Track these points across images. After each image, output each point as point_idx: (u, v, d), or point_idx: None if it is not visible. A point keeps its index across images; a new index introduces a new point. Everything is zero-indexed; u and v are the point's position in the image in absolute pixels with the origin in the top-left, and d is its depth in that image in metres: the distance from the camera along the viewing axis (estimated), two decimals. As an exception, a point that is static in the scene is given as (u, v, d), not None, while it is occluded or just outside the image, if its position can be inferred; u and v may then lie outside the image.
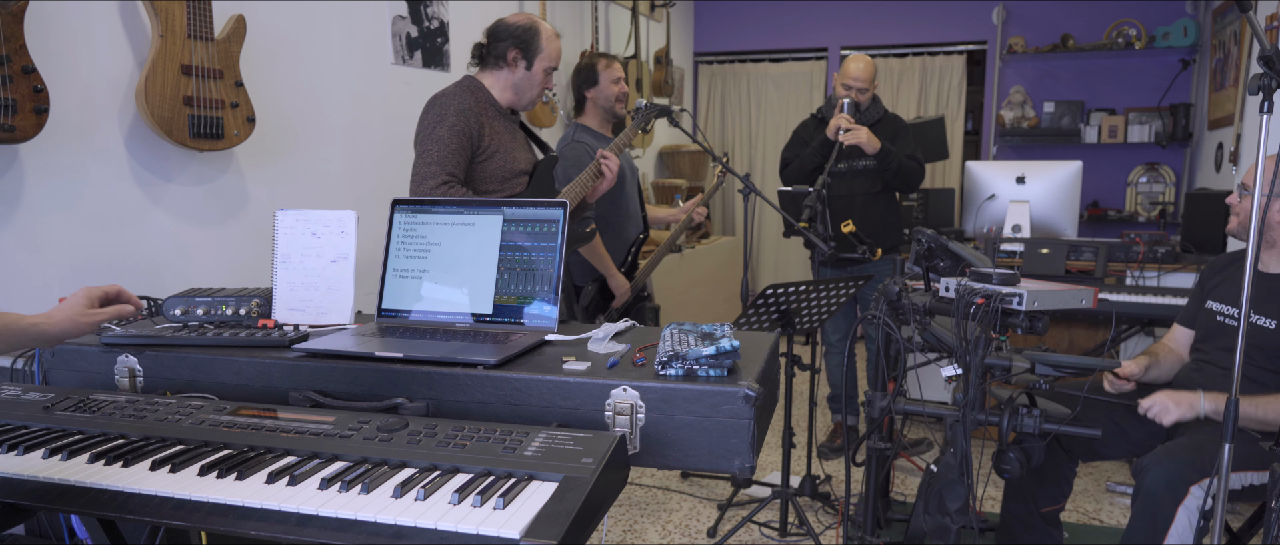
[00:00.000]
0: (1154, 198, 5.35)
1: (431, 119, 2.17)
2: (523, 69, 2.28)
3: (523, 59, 2.27)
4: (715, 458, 1.24)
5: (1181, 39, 5.06)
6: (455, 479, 1.08)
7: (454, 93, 2.21)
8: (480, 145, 2.21)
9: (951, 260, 1.89)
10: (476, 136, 2.20)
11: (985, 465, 1.88)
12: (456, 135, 2.14)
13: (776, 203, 3.12)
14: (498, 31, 2.29)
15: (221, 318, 1.61)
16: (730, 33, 6.27)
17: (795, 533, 2.87)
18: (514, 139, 2.33)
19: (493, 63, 2.29)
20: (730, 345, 1.28)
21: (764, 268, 6.45)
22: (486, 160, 2.22)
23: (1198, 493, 1.89)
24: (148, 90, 2.16)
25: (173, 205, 2.37)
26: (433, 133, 2.14)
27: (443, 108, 2.17)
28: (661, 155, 5.84)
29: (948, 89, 5.83)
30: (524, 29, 2.27)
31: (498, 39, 2.28)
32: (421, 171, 2.10)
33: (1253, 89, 1.53)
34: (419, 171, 2.11)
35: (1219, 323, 2.26)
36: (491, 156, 2.23)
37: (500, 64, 2.28)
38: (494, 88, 2.29)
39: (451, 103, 2.18)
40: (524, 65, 2.28)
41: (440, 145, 2.12)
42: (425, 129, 2.16)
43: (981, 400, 1.69)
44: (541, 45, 2.29)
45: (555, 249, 1.58)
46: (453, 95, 2.21)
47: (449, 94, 2.21)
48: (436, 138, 2.13)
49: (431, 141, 2.13)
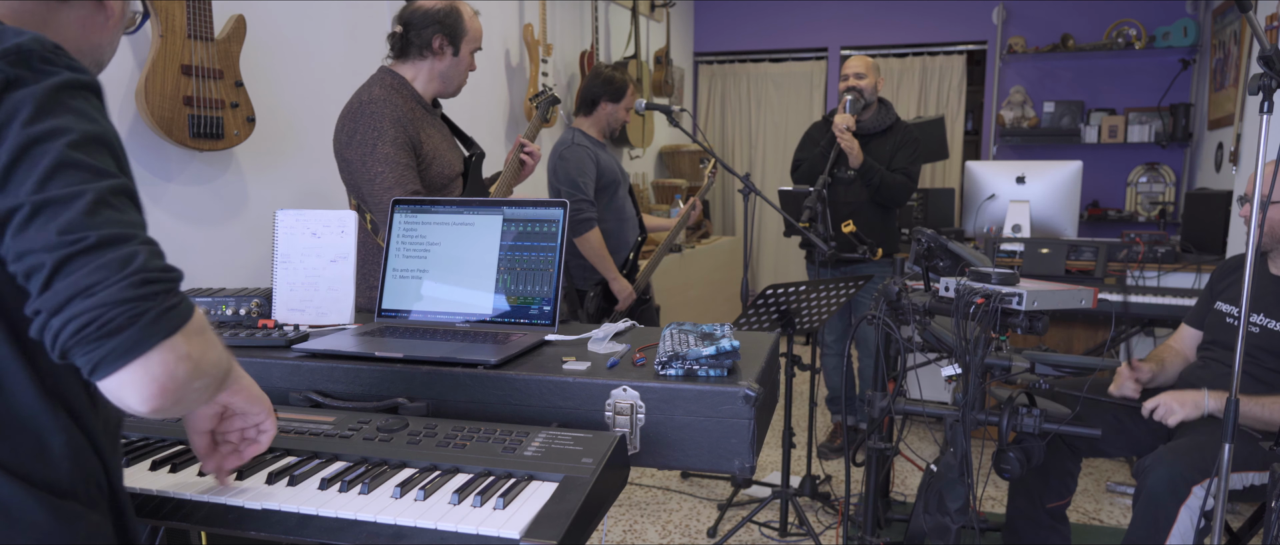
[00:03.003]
0: (1154, 198, 5.35)
1: (368, 133, 1.98)
2: (450, 56, 2.12)
3: (449, 45, 2.10)
4: (715, 458, 1.24)
5: (1181, 39, 5.06)
6: (455, 479, 1.08)
7: (383, 97, 2.02)
8: (419, 153, 2.05)
9: (951, 260, 1.89)
10: (416, 144, 2.04)
11: (985, 465, 1.88)
12: (401, 150, 1.98)
13: (776, 203, 3.12)
14: (417, 19, 2.09)
15: (221, 318, 1.60)
16: (730, 33, 6.27)
17: (795, 533, 2.87)
18: (445, 140, 2.18)
19: (415, 53, 2.10)
20: (730, 345, 1.28)
21: (764, 268, 6.45)
22: (424, 169, 2.06)
23: (1200, 493, 1.89)
24: (147, 90, 2.16)
25: (173, 205, 2.37)
26: (375, 151, 1.96)
27: (376, 118, 1.98)
28: (661, 155, 5.84)
29: (948, 89, 5.83)
30: (445, 12, 2.10)
31: (419, 27, 2.08)
32: (385, 198, 1.90)
33: (1253, 89, 1.53)
34: (382, 198, 1.93)
35: (1228, 324, 2.26)
36: (429, 165, 2.07)
37: (424, 53, 2.10)
38: (417, 80, 2.12)
39: (385, 111, 1.99)
40: (451, 52, 2.11)
41: (390, 165, 1.95)
42: (363, 145, 1.98)
43: (981, 400, 1.69)
44: (465, 27, 2.13)
45: (555, 249, 1.58)
46: (382, 101, 2.01)
47: (378, 100, 2.01)
48: (381, 157, 1.96)
49: (378, 162, 1.96)
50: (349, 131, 2.02)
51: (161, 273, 0.78)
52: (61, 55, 0.80)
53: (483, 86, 3.80)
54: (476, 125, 3.70)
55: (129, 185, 0.81)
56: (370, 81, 2.10)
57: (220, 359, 0.88)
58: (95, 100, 0.82)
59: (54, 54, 0.80)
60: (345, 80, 2.96)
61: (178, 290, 0.80)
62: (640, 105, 2.97)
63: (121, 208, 0.78)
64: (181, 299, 0.80)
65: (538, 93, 3.22)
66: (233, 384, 0.98)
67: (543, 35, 4.16)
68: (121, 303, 0.74)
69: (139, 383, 0.76)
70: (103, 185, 0.77)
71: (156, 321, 0.76)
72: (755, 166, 6.35)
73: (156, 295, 0.77)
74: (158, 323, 0.76)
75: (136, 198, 0.82)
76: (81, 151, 0.77)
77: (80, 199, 0.75)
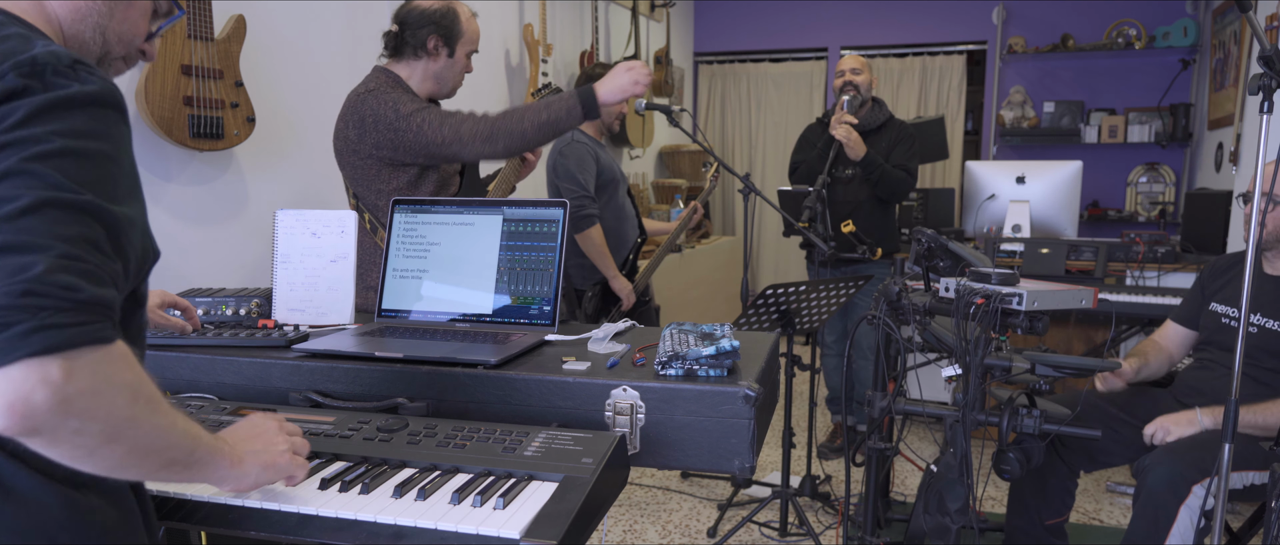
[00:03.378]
0: (1154, 198, 5.35)
1: (382, 107, 1.96)
2: (444, 57, 2.09)
3: (444, 46, 2.08)
4: (715, 458, 1.24)
5: (1181, 39, 5.06)
6: (455, 479, 1.08)
7: (385, 94, 2.00)
8: None
9: (951, 260, 1.89)
10: None
11: (985, 465, 1.88)
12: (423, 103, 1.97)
13: (776, 203, 3.12)
14: (412, 18, 2.07)
15: (221, 318, 1.61)
16: (730, 33, 6.27)
17: (795, 533, 2.87)
18: None
19: (410, 52, 2.08)
20: (730, 345, 1.28)
21: (764, 268, 6.45)
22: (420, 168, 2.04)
23: (1200, 492, 1.89)
24: (147, 90, 2.16)
25: (173, 205, 2.37)
26: (398, 109, 1.94)
27: (384, 95, 1.97)
28: (661, 155, 5.84)
29: (948, 89, 5.83)
30: (442, 13, 2.07)
31: (415, 26, 2.06)
32: (443, 130, 1.90)
33: (1253, 89, 1.53)
34: (435, 134, 1.91)
35: (1224, 324, 2.26)
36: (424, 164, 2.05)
37: (419, 53, 2.07)
38: (412, 79, 2.09)
39: (389, 93, 1.98)
40: (446, 53, 2.09)
41: (425, 110, 1.93)
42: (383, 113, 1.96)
43: (981, 400, 1.69)
44: (462, 28, 2.10)
45: (555, 249, 1.58)
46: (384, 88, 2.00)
47: (376, 90, 2.01)
48: (411, 110, 1.94)
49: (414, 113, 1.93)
50: (356, 122, 1.98)
51: (58, 289, 0.70)
52: (80, 69, 0.79)
53: (482, 86, 3.79)
54: (476, 125, 3.70)
55: (94, 202, 0.75)
56: (365, 80, 2.08)
57: (129, 418, 0.77)
58: (104, 114, 0.80)
59: (70, 68, 0.79)
60: (345, 80, 2.95)
61: (76, 311, 0.71)
62: (640, 105, 2.97)
63: (60, 220, 0.73)
64: (79, 322, 0.71)
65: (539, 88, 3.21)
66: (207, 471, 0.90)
67: (543, 35, 4.16)
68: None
69: None
70: (50, 195, 0.73)
71: (26, 336, 0.68)
72: (755, 166, 6.35)
73: (38, 310, 0.69)
74: (26, 338, 0.69)
75: (105, 214, 0.76)
76: (47, 162, 0.74)
77: (14, 203, 0.72)
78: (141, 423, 0.78)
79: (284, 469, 1.01)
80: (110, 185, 0.78)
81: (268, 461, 0.99)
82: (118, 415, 0.75)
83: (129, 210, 0.80)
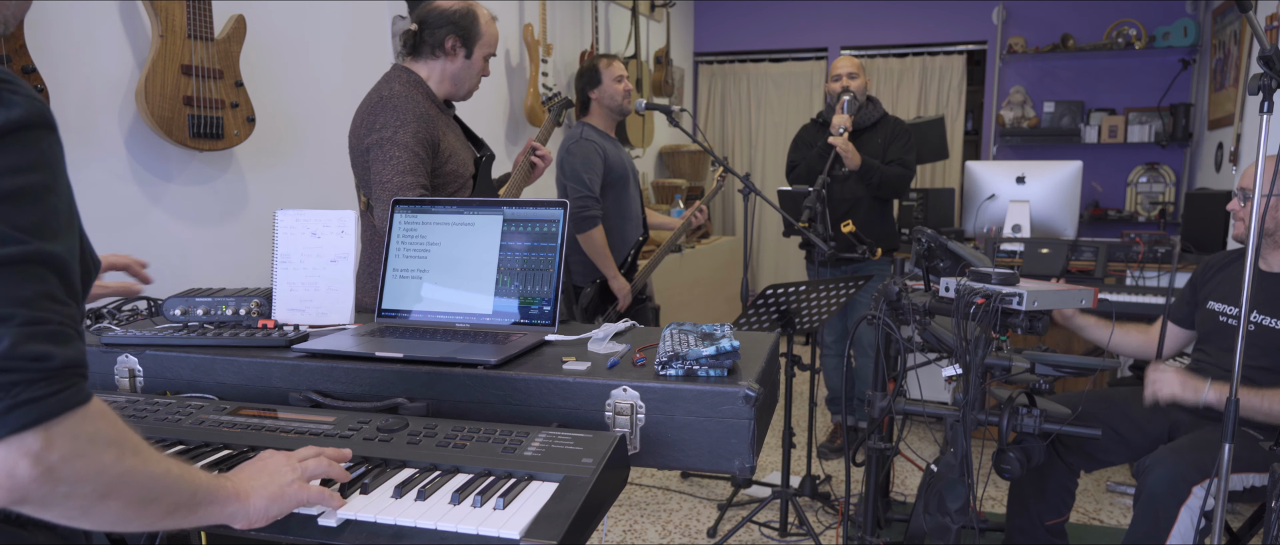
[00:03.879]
0: (1154, 198, 5.35)
1: (391, 120, 1.98)
2: (462, 58, 2.11)
3: (463, 47, 2.10)
4: (715, 458, 1.24)
5: (1181, 39, 5.06)
6: (455, 479, 1.08)
7: (404, 93, 2.03)
8: (438, 152, 2.05)
9: (951, 260, 1.89)
10: (435, 142, 2.04)
11: (985, 465, 1.87)
12: (421, 144, 1.98)
13: (776, 202, 3.12)
14: (432, 18, 2.09)
15: (221, 318, 1.60)
16: (730, 33, 6.27)
17: (795, 533, 2.87)
18: (459, 140, 2.17)
19: (428, 52, 2.10)
20: (730, 345, 1.28)
21: (764, 268, 6.45)
22: (442, 166, 2.07)
23: (1200, 493, 1.89)
24: (148, 90, 2.16)
25: (173, 205, 2.37)
26: (396, 136, 1.96)
27: (401, 111, 1.99)
28: (661, 155, 5.84)
29: (948, 89, 5.83)
30: (461, 14, 2.10)
31: (434, 26, 2.08)
32: (395, 181, 1.92)
33: (1253, 89, 1.53)
34: (392, 181, 1.93)
35: (1222, 323, 2.26)
36: (447, 161, 2.08)
37: (437, 53, 2.09)
38: (430, 79, 2.11)
39: (408, 106, 2.00)
40: (463, 53, 2.11)
41: (409, 153, 1.95)
42: (385, 130, 1.98)
43: (981, 400, 1.69)
44: (480, 30, 2.12)
45: (555, 249, 1.58)
46: (404, 97, 2.02)
47: (399, 96, 2.02)
48: (402, 144, 1.95)
49: (398, 148, 1.95)
50: (369, 123, 2.00)
51: (28, 362, 0.68)
52: (1, 91, 0.71)
53: (483, 86, 3.79)
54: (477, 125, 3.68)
55: (42, 250, 0.70)
56: (388, 77, 2.09)
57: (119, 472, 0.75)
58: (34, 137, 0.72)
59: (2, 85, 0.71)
60: (345, 80, 2.96)
61: (49, 381, 0.69)
62: (640, 105, 2.97)
63: (14, 281, 0.68)
64: (54, 391, 0.69)
65: (551, 95, 3.17)
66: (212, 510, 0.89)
67: (543, 35, 4.16)
68: None
69: None
70: None
71: (2, 416, 0.67)
72: (755, 166, 6.35)
73: (10, 387, 0.67)
74: (3, 418, 0.67)
75: (53, 260, 0.72)
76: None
77: None
78: (133, 474, 0.77)
79: (294, 498, 0.98)
80: (53, 222, 0.73)
81: (274, 493, 0.97)
82: (107, 472, 0.74)
83: (70, 242, 0.75)
